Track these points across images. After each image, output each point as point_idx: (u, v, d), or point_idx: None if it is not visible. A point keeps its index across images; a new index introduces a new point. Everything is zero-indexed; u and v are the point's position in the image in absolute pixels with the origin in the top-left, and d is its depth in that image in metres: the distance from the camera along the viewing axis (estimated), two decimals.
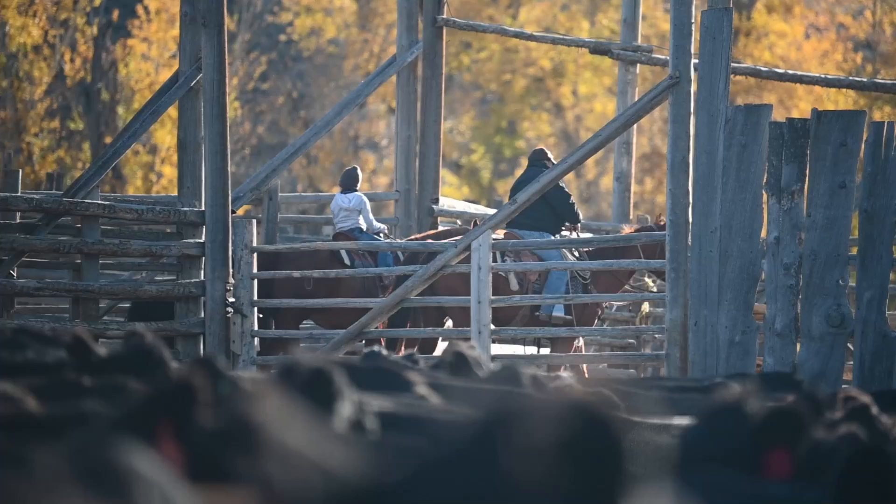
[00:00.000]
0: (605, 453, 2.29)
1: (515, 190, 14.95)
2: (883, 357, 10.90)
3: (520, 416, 2.34)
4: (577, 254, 14.77)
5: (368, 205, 15.75)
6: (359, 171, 16.06)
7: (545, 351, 14.97)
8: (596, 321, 14.86)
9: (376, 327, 14.23)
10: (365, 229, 15.61)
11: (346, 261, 14.89)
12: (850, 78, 18.77)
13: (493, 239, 13.96)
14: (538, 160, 15.32)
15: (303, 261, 14.72)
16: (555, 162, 15.31)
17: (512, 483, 2.28)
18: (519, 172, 38.62)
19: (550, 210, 14.96)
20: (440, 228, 16.42)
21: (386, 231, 15.83)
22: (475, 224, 14.81)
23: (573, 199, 15.32)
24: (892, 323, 11.11)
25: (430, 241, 14.56)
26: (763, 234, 11.57)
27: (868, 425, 4.11)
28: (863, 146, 11.03)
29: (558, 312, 14.55)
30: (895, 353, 10.90)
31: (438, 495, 2.33)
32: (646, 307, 16.82)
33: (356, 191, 15.76)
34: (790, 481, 3.54)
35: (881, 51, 34.20)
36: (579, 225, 15.19)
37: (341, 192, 15.82)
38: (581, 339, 14.80)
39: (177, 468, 2.78)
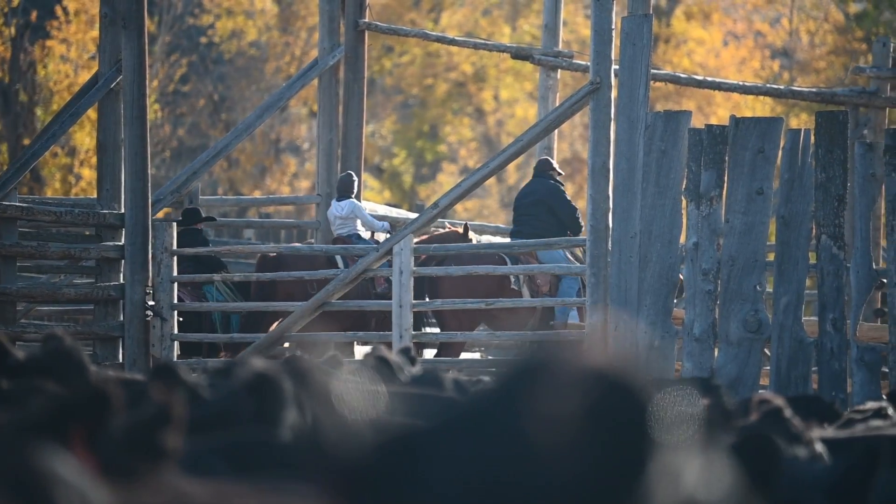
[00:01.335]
0: (633, 421, 2.31)
1: (520, 201, 15.09)
2: (799, 362, 11.03)
3: (546, 380, 2.35)
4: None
5: (364, 209, 15.81)
6: (353, 178, 16.11)
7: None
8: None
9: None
10: (365, 232, 15.66)
11: (341, 265, 14.96)
12: (768, 85, 18.95)
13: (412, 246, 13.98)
14: (543, 171, 15.42)
15: (302, 265, 14.78)
16: (561, 171, 15.49)
17: (535, 444, 2.30)
18: (441, 177, 38.69)
19: (557, 222, 15.04)
20: (439, 231, 16.50)
21: (389, 229, 15.90)
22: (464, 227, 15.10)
23: (579, 212, 15.44)
24: (809, 328, 11.24)
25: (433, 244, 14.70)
26: (682, 239, 11.67)
27: (782, 428, 4.17)
28: (780, 153, 11.16)
29: (573, 319, 14.63)
30: (811, 358, 11.03)
31: (468, 445, 2.35)
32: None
33: (350, 198, 15.80)
34: None
35: (798, 58, 34.58)
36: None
37: (336, 200, 15.86)
38: None
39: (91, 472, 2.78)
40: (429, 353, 15.29)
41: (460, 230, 15.37)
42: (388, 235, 15.31)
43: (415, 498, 2.31)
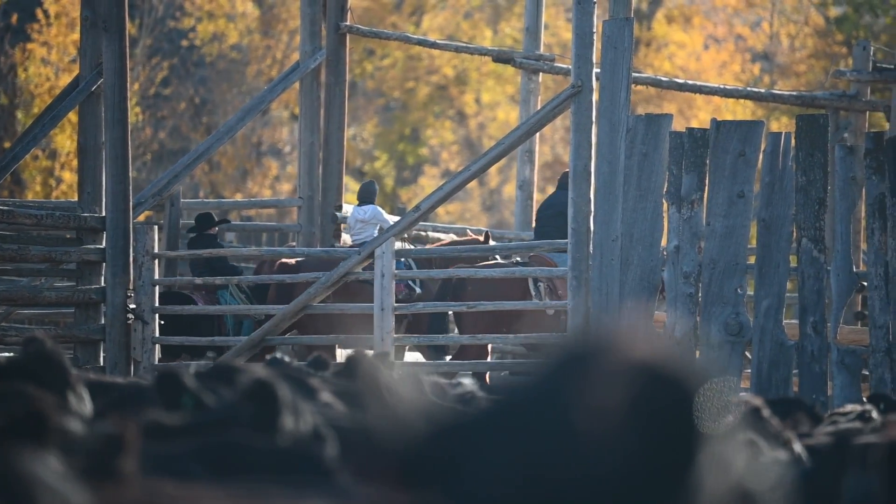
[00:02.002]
0: (679, 413, 2.31)
1: (542, 212, 15.03)
2: (780, 365, 11.05)
3: (590, 371, 2.35)
4: None
5: (385, 215, 15.91)
6: (376, 186, 16.35)
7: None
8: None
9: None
10: None
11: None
12: (748, 88, 19.00)
13: (395, 250, 13.98)
14: (567, 183, 15.38)
15: (320, 270, 14.80)
16: None
17: (581, 434, 2.31)
18: (422, 180, 38.68)
19: None
20: (451, 238, 16.47)
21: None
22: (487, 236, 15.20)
23: None
24: (790, 331, 11.26)
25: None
26: (663, 242, 11.69)
27: (760, 427, 4.18)
28: (760, 156, 11.18)
29: None
30: (792, 361, 11.05)
31: (512, 435, 2.35)
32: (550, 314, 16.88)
33: (373, 203, 15.92)
34: None
35: (778, 62, 34.66)
36: None
37: (358, 205, 15.98)
38: None
39: None
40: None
41: (481, 238, 15.40)
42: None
43: (465, 482, 2.32)
